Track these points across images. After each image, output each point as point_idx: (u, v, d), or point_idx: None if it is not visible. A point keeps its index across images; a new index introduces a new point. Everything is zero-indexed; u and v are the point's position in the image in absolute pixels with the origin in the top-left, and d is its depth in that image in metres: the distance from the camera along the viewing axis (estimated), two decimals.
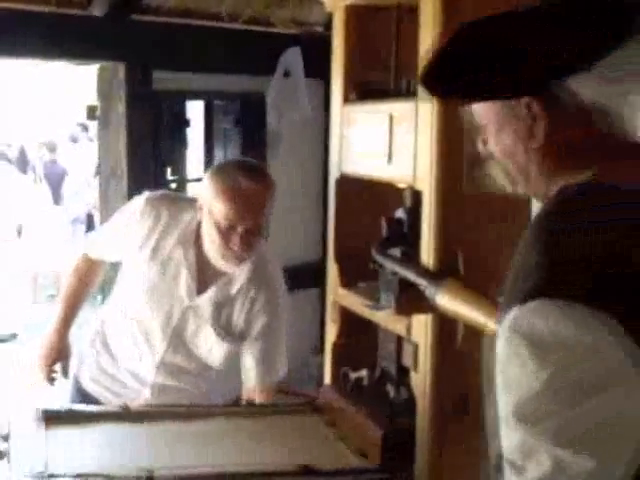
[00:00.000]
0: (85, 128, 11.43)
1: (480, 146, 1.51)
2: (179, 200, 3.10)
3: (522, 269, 1.29)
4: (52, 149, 10.42)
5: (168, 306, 3.00)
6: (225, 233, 2.82)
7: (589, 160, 1.36)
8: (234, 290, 2.99)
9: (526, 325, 1.23)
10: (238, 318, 3.02)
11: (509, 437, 1.26)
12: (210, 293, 2.98)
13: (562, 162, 1.38)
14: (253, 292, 3.01)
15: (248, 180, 2.80)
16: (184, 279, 2.97)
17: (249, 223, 2.81)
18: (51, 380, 3.14)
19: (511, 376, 1.26)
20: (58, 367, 3.17)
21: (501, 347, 1.27)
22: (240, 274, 2.98)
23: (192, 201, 2.97)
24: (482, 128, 1.48)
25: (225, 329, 3.02)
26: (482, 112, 1.45)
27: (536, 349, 1.21)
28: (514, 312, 1.24)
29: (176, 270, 2.98)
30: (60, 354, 3.15)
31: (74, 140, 11.49)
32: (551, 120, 1.36)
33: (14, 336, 8.59)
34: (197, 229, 2.95)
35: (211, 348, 3.04)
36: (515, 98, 1.37)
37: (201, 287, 2.99)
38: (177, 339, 3.03)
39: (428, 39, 2.55)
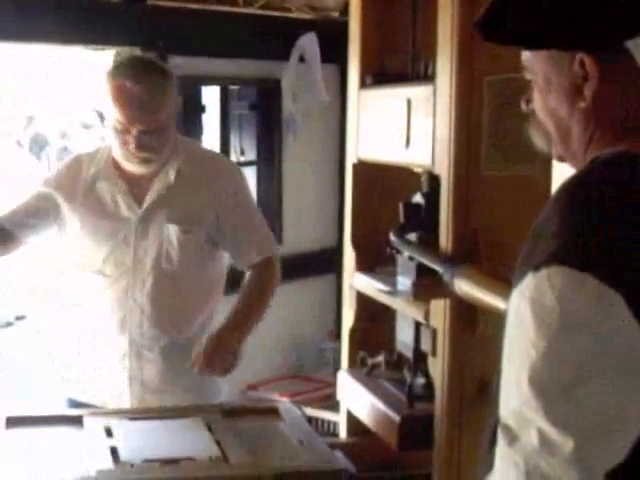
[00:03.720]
0: (101, 115, 11.42)
1: (523, 104, 1.47)
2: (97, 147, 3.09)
3: (541, 236, 1.27)
4: (64, 136, 10.42)
5: (121, 236, 2.91)
6: (122, 134, 2.80)
7: (629, 131, 1.33)
8: (172, 178, 2.90)
9: (534, 291, 1.21)
10: (190, 204, 2.91)
11: (507, 402, 1.25)
12: (151, 194, 2.90)
13: (604, 129, 1.34)
14: (192, 178, 2.92)
15: (134, 84, 2.75)
16: (122, 203, 2.92)
17: (141, 125, 2.77)
18: None
19: (514, 342, 1.25)
20: None
21: (510, 312, 1.27)
22: (171, 165, 2.90)
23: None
24: (530, 83, 1.43)
25: (183, 219, 2.90)
26: (533, 63, 1.38)
27: (539, 317, 1.20)
28: (527, 278, 1.23)
29: (112, 200, 2.93)
30: None
31: (87, 127, 11.48)
32: (602, 82, 1.30)
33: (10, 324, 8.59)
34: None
35: (180, 249, 2.89)
36: (570, 51, 1.31)
37: (142, 199, 2.92)
38: (143, 264, 2.91)
39: (446, 22, 2.54)
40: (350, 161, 3.23)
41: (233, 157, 5.50)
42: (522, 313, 1.22)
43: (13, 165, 9.43)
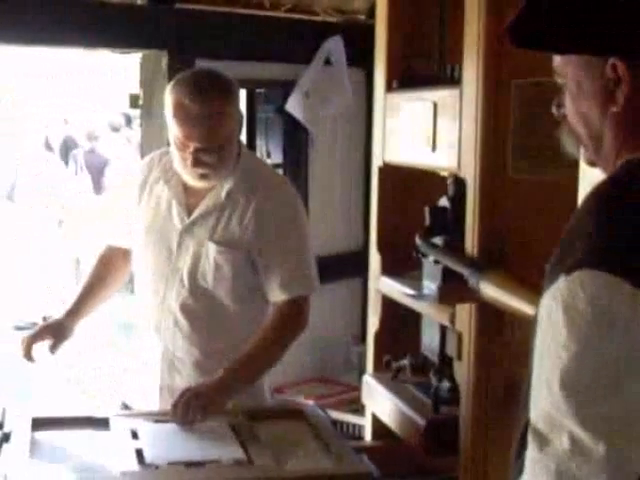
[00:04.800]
0: (128, 117, 11.47)
1: (554, 109, 1.47)
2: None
3: (573, 240, 1.27)
4: (93, 138, 10.45)
5: (166, 242, 2.92)
6: (181, 150, 2.78)
7: None
8: (223, 195, 2.86)
9: (567, 294, 1.21)
10: (234, 225, 2.86)
11: (538, 405, 1.25)
12: (200, 208, 2.88)
13: (636, 133, 1.33)
14: (243, 199, 2.86)
15: (193, 101, 2.71)
16: (174, 209, 2.91)
17: (198, 144, 2.74)
18: (29, 356, 2.89)
19: (545, 345, 1.25)
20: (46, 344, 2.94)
21: (541, 315, 1.27)
22: (227, 182, 2.86)
23: None
24: (561, 88, 1.43)
25: (223, 240, 2.86)
26: (565, 68, 1.38)
27: (571, 320, 1.20)
28: (559, 281, 1.23)
29: (167, 205, 2.93)
30: (55, 333, 2.94)
31: (115, 129, 11.53)
32: (635, 86, 1.30)
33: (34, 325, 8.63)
34: None
35: (216, 269, 2.86)
36: (602, 56, 1.31)
37: (192, 210, 2.90)
38: (180, 275, 2.90)
39: (473, 25, 2.53)
40: (376, 164, 3.23)
41: None
42: (554, 316, 1.22)
43: (40, 166, 9.49)
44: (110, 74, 11.29)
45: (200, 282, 2.89)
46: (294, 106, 5.08)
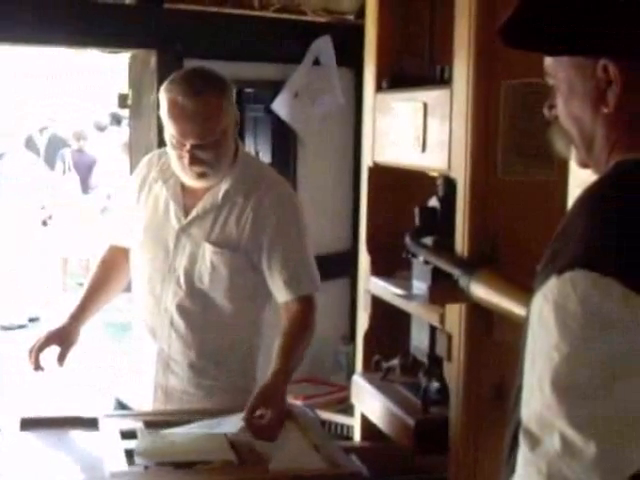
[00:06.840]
0: (115, 117, 11.46)
1: (545, 110, 1.47)
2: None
3: (564, 240, 1.28)
4: (80, 138, 10.44)
5: (163, 242, 2.91)
6: (177, 148, 2.79)
7: None
8: (220, 196, 2.86)
9: (558, 295, 1.22)
10: (231, 226, 2.87)
11: (529, 406, 1.25)
12: (197, 208, 2.88)
13: (627, 134, 1.34)
14: (241, 199, 2.88)
15: (186, 98, 2.74)
16: (172, 209, 2.91)
17: (194, 140, 2.75)
18: (38, 366, 2.88)
19: (537, 345, 1.26)
20: (54, 353, 2.91)
21: (532, 315, 1.27)
22: (224, 183, 2.87)
23: None
24: (552, 89, 1.43)
25: (220, 240, 2.86)
26: (556, 69, 1.39)
27: (562, 320, 1.21)
28: (551, 282, 1.23)
29: (165, 204, 2.93)
30: (62, 339, 2.92)
31: (101, 129, 11.53)
32: (626, 87, 1.31)
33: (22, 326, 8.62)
34: None
35: (213, 270, 2.86)
36: (594, 57, 1.32)
37: (189, 210, 2.90)
38: (176, 275, 2.89)
39: (463, 25, 2.53)
40: (366, 164, 3.23)
41: None
42: (545, 316, 1.23)
43: (26, 166, 9.46)
44: (99, 74, 11.28)
45: (196, 283, 2.89)
46: (281, 106, 5.08)
